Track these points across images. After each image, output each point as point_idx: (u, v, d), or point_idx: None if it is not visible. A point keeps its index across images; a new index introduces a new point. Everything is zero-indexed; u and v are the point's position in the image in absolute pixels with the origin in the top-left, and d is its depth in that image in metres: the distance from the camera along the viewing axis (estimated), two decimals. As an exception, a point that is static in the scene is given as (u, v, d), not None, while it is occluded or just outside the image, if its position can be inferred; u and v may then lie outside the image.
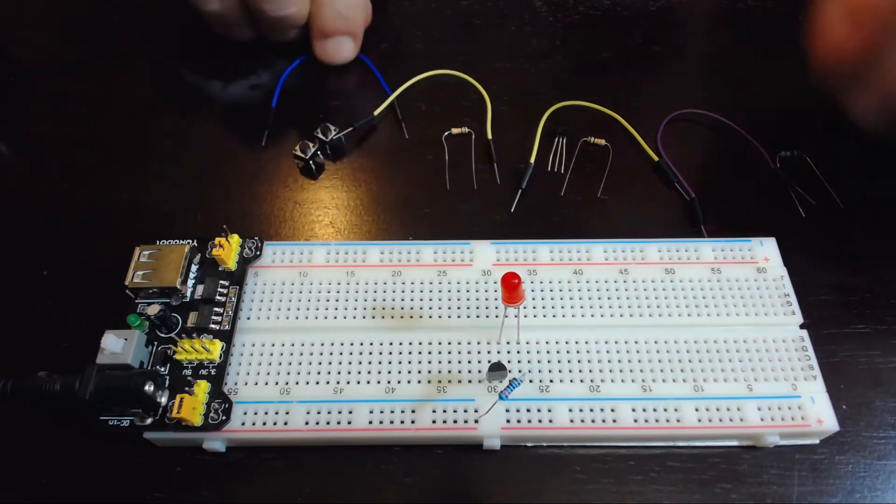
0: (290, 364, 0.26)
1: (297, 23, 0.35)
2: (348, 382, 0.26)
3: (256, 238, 0.29)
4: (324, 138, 0.33)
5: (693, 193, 0.32)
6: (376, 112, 0.34)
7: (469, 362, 0.26)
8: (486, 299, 0.28)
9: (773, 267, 0.29)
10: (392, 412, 0.25)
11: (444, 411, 0.25)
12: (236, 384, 0.26)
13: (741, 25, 0.40)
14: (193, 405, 0.24)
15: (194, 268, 0.28)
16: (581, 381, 0.26)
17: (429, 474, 0.26)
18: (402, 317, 0.27)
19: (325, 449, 0.26)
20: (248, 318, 0.27)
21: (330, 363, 0.26)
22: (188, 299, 0.27)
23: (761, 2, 0.40)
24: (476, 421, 0.25)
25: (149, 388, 0.24)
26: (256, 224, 0.32)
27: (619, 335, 0.27)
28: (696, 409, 0.25)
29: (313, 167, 0.33)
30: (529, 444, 0.26)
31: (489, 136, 0.34)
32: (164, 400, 0.25)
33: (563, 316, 0.27)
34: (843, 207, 0.32)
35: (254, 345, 0.27)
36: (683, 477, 0.25)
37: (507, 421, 0.25)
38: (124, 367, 0.25)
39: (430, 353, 0.27)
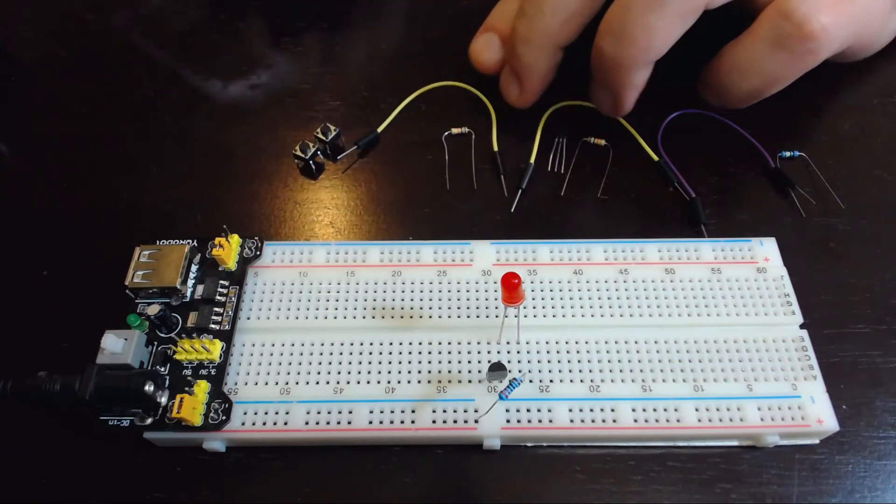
0: (290, 364, 0.26)
1: None
2: (348, 382, 0.26)
3: (256, 238, 0.29)
4: (324, 138, 0.33)
5: (693, 193, 0.32)
6: (380, 129, 0.35)
7: (469, 362, 0.26)
8: (486, 299, 0.28)
9: (773, 267, 0.29)
10: (392, 412, 0.25)
11: (444, 411, 0.25)
12: (236, 384, 0.26)
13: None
14: (193, 405, 0.24)
15: (194, 268, 0.28)
16: (581, 381, 0.26)
17: (429, 474, 0.26)
18: (402, 317, 0.27)
19: (325, 449, 0.26)
20: (248, 318, 0.27)
21: (330, 363, 0.26)
22: (188, 299, 0.27)
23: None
24: (476, 421, 0.25)
25: (149, 388, 0.24)
26: (256, 224, 0.32)
27: (619, 335, 0.27)
28: (696, 409, 0.25)
29: (313, 167, 0.33)
30: (529, 444, 0.26)
31: (495, 147, 0.34)
32: (164, 400, 0.25)
33: (563, 316, 0.27)
34: (844, 207, 0.32)
35: (254, 345, 0.27)
36: (683, 477, 0.25)
37: (507, 421, 0.25)
38: (124, 367, 0.25)
39: (430, 353, 0.27)
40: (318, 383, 0.26)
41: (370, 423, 0.25)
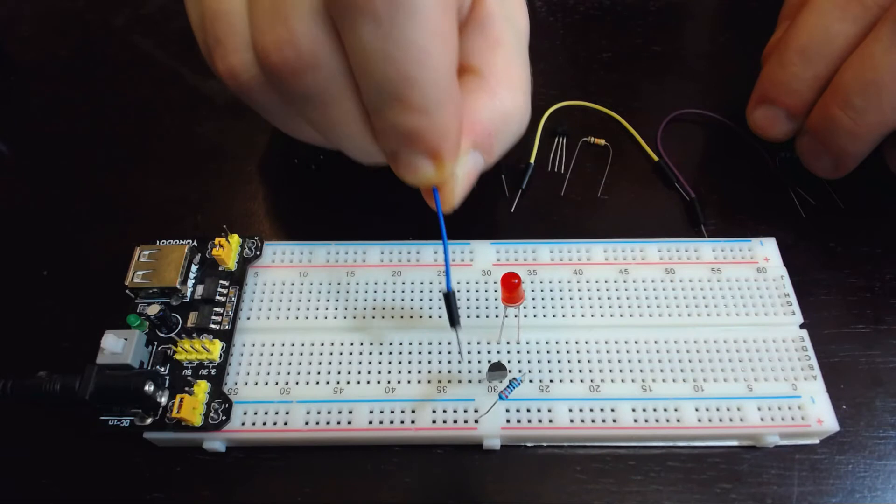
0: (290, 364, 0.26)
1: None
2: (348, 382, 0.26)
3: (256, 238, 0.29)
4: (324, 138, 0.33)
5: (693, 193, 0.32)
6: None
7: (469, 362, 0.26)
8: (486, 299, 0.28)
9: (773, 267, 0.29)
10: (392, 412, 0.25)
11: (444, 411, 0.25)
12: (236, 384, 0.26)
13: (741, 25, 0.40)
14: (193, 405, 0.24)
15: (194, 268, 0.28)
16: (581, 381, 0.26)
17: (429, 474, 0.26)
18: (402, 317, 0.27)
19: (325, 449, 0.26)
20: (248, 318, 0.27)
21: (330, 363, 0.26)
22: (188, 299, 0.27)
23: (762, 2, 0.40)
24: (476, 421, 0.25)
25: (149, 388, 0.24)
26: (256, 224, 0.32)
27: (619, 335, 0.27)
28: (696, 409, 0.25)
29: (313, 167, 0.33)
30: (529, 444, 0.26)
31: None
32: (164, 400, 0.25)
33: (563, 316, 0.27)
34: (843, 207, 0.32)
35: (254, 345, 0.27)
36: (683, 477, 0.25)
37: (507, 421, 0.25)
38: (124, 367, 0.25)
39: (430, 353, 0.27)
40: (317, 383, 0.26)
41: (370, 423, 0.25)
